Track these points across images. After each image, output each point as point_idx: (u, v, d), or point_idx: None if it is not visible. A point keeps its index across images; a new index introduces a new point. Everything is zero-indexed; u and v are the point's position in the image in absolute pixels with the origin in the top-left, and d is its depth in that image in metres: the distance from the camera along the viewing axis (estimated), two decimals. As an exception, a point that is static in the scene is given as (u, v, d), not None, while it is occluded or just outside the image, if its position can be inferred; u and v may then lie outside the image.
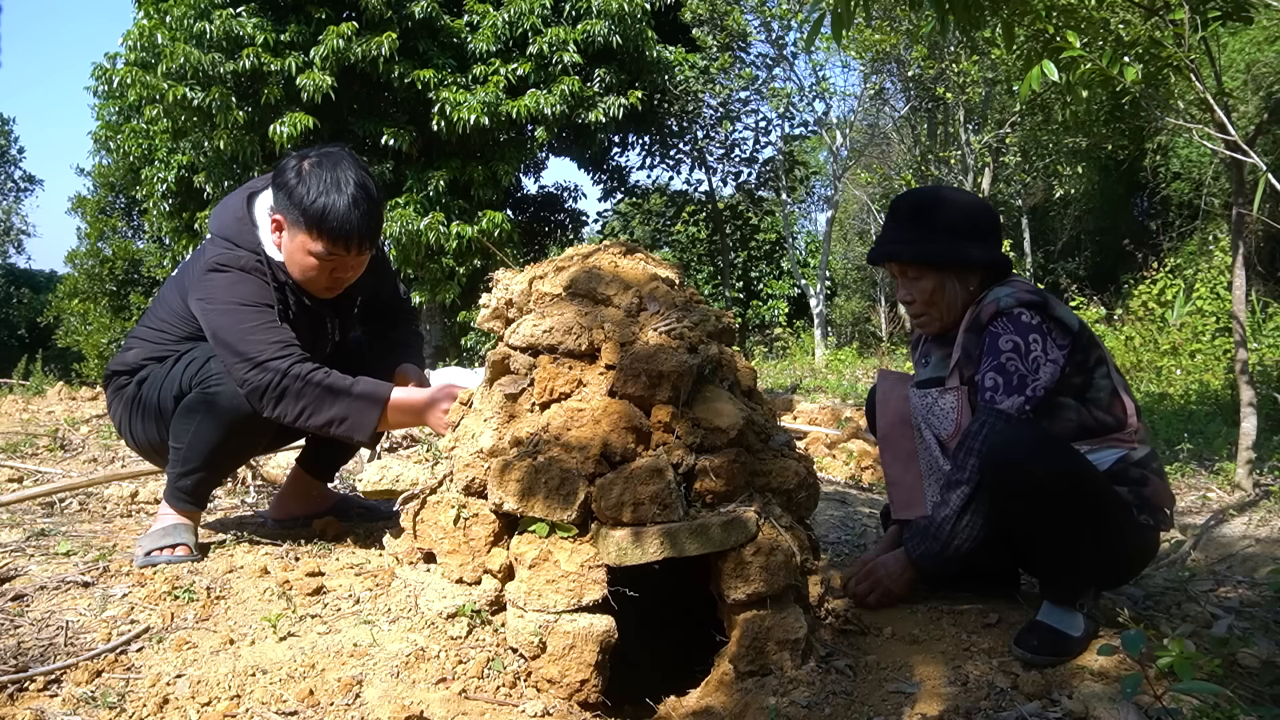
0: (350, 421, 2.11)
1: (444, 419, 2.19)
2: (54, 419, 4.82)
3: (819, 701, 1.61)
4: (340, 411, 2.10)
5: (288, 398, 2.06)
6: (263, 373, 2.04)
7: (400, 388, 2.23)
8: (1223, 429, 4.04)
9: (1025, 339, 1.89)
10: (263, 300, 2.13)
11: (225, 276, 2.13)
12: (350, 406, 2.10)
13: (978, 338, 1.97)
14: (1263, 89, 10.71)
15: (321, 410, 2.08)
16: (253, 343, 2.06)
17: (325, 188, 2.11)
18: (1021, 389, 1.88)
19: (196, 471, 2.22)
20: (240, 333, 2.07)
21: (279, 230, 2.20)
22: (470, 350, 13.26)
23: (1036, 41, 2.93)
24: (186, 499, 2.26)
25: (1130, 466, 1.91)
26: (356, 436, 2.14)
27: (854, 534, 2.91)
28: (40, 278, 30.87)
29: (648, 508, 1.70)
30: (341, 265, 2.21)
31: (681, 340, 1.93)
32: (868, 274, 22.54)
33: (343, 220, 2.11)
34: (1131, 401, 2.00)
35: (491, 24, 11.85)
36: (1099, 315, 8.24)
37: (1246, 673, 1.67)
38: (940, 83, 12.59)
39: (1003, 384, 1.89)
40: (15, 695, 1.53)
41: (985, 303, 1.97)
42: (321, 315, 2.34)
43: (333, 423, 2.11)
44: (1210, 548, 2.80)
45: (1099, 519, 1.78)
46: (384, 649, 1.71)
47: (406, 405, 2.20)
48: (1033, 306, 1.92)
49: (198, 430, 2.16)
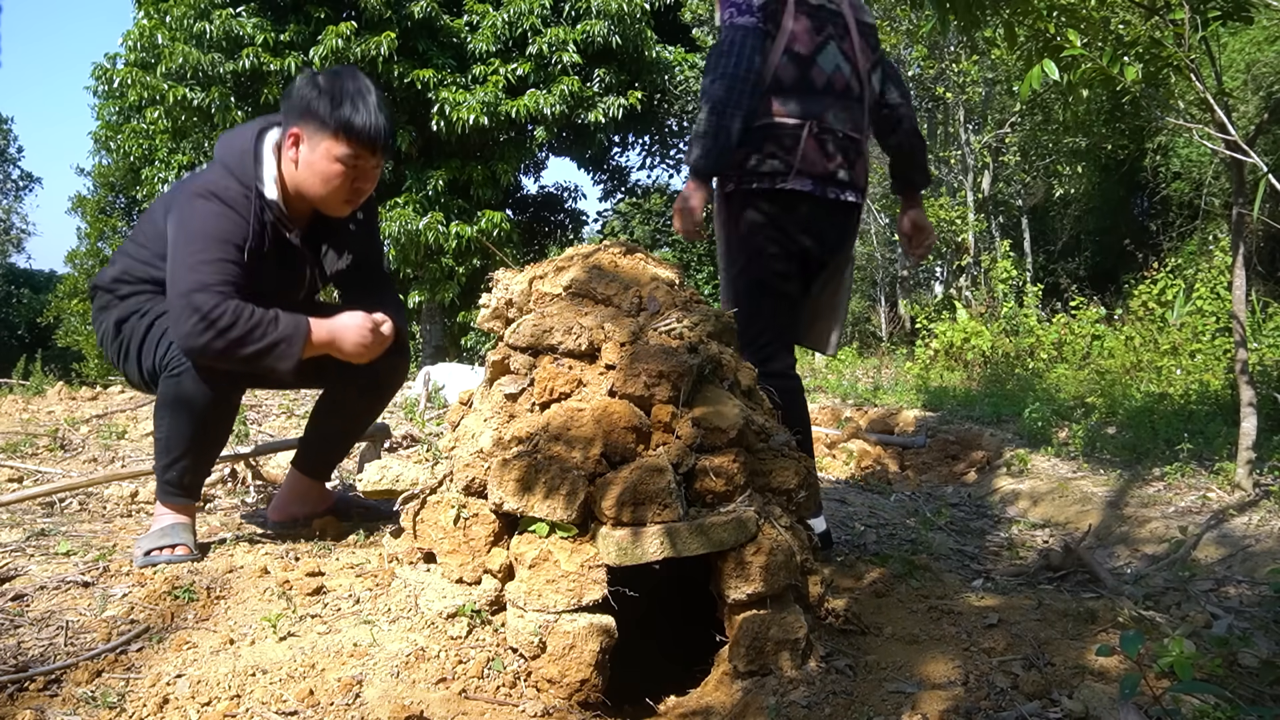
0: (276, 352, 2.12)
1: (360, 343, 2.22)
2: (54, 419, 4.82)
3: (819, 701, 1.61)
4: (263, 344, 2.10)
5: (213, 329, 2.06)
6: (195, 300, 2.05)
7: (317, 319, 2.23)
8: (1223, 429, 4.04)
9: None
10: (232, 239, 2.12)
11: (207, 206, 2.13)
12: (274, 337, 2.11)
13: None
14: (1263, 89, 10.71)
15: (246, 343, 2.08)
16: (200, 271, 2.07)
17: (348, 94, 2.15)
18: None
19: (180, 460, 2.24)
20: (193, 261, 2.08)
21: (296, 145, 2.20)
22: (470, 350, 13.26)
23: (1037, 41, 2.93)
24: (176, 491, 2.27)
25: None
26: (281, 365, 2.13)
27: (854, 534, 2.91)
28: (40, 278, 30.88)
29: (648, 508, 1.70)
30: (362, 174, 2.23)
31: (681, 340, 1.93)
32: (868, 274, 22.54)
33: (367, 120, 2.15)
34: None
35: (491, 24, 11.86)
36: (1099, 315, 8.24)
37: (1246, 673, 1.66)
38: (940, 83, 12.59)
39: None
40: (15, 695, 1.53)
41: None
42: (302, 261, 2.35)
43: (259, 354, 2.11)
44: (1210, 548, 2.80)
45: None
46: (384, 649, 1.71)
47: (326, 332, 2.19)
48: None
49: (171, 421, 2.19)
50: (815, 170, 2.49)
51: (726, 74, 2.37)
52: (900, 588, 2.25)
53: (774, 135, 2.47)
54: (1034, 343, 8.17)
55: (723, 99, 2.36)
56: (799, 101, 2.47)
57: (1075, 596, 2.27)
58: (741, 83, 2.37)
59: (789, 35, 2.46)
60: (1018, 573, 2.69)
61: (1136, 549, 3.02)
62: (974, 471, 4.60)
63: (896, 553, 2.57)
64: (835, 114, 2.52)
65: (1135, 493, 3.53)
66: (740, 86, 2.37)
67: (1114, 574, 2.57)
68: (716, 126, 2.38)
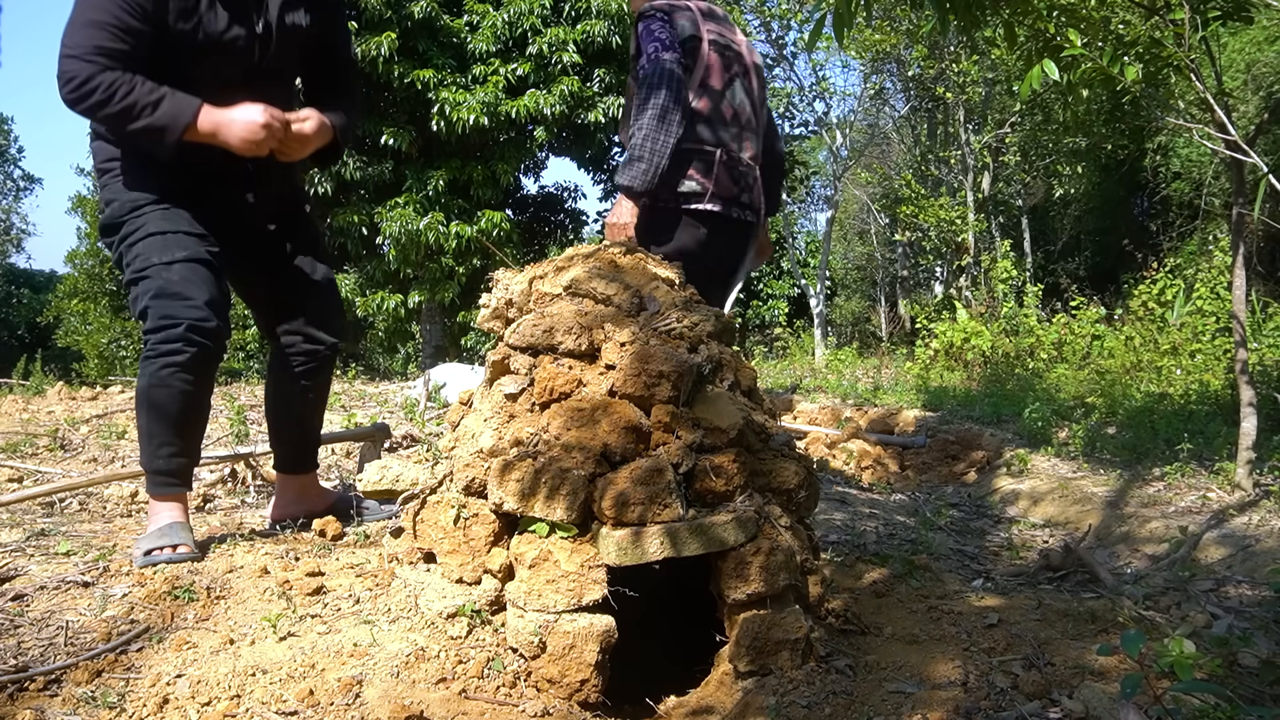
0: (152, 135, 2.08)
1: (248, 138, 2.14)
2: (54, 419, 4.82)
3: (819, 701, 1.61)
4: (139, 125, 2.06)
5: (85, 101, 2.03)
6: (70, 68, 2.02)
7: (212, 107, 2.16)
8: (1223, 429, 4.04)
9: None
10: (134, 9, 2.05)
11: None
12: (150, 121, 2.06)
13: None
14: (1263, 89, 10.71)
15: (121, 120, 2.06)
16: (87, 33, 2.03)
17: None
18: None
19: (166, 445, 2.24)
20: (84, 19, 2.04)
21: None
22: (470, 350, 13.26)
23: (1037, 41, 2.92)
24: (167, 480, 2.27)
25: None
26: (158, 151, 2.10)
27: (854, 534, 2.91)
28: (40, 278, 30.88)
29: (648, 507, 1.70)
30: None
31: (681, 340, 1.93)
32: (868, 274, 22.54)
33: None
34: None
35: (491, 24, 11.85)
36: (1099, 315, 8.24)
37: (1246, 673, 1.66)
38: (940, 83, 12.60)
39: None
40: (15, 695, 1.53)
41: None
42: (244, 10, 2.21)
43: (135, 134, 2.08)
44: (1210, 548, 2.79)
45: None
46: (384, 649, 1.71)
47: (213, 122, 2.12)
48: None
49: (149, 409, 2.21)
50: (725, 193, 2.82)
51: (659, 103, 2.61)
52: (900, 588, 2.25)
53: (693, 160, 2.77)
54: (1034, 343, 8.17)
55: (658, 125, 2.61)
56: (712, 130, 2.77)
57: (1075, 596, 2.27)
58: (673, 112, 2.62)
59: (704, 70, 2.78)
60: (1018, 573, 2.69)
61: (1136, 549, 3.02)
62: (974, 471, 4.60)
63: (896, 553, 2.57)
64: (740, 143, 2.87)
65: (1135, 493, 3.53)
66: (672, 115, 2.62)
67: (1114, 574, 2.57)
68: (652, 150, 2.62)
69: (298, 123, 2.25)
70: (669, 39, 2.69)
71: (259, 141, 2.17)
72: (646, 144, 2.61)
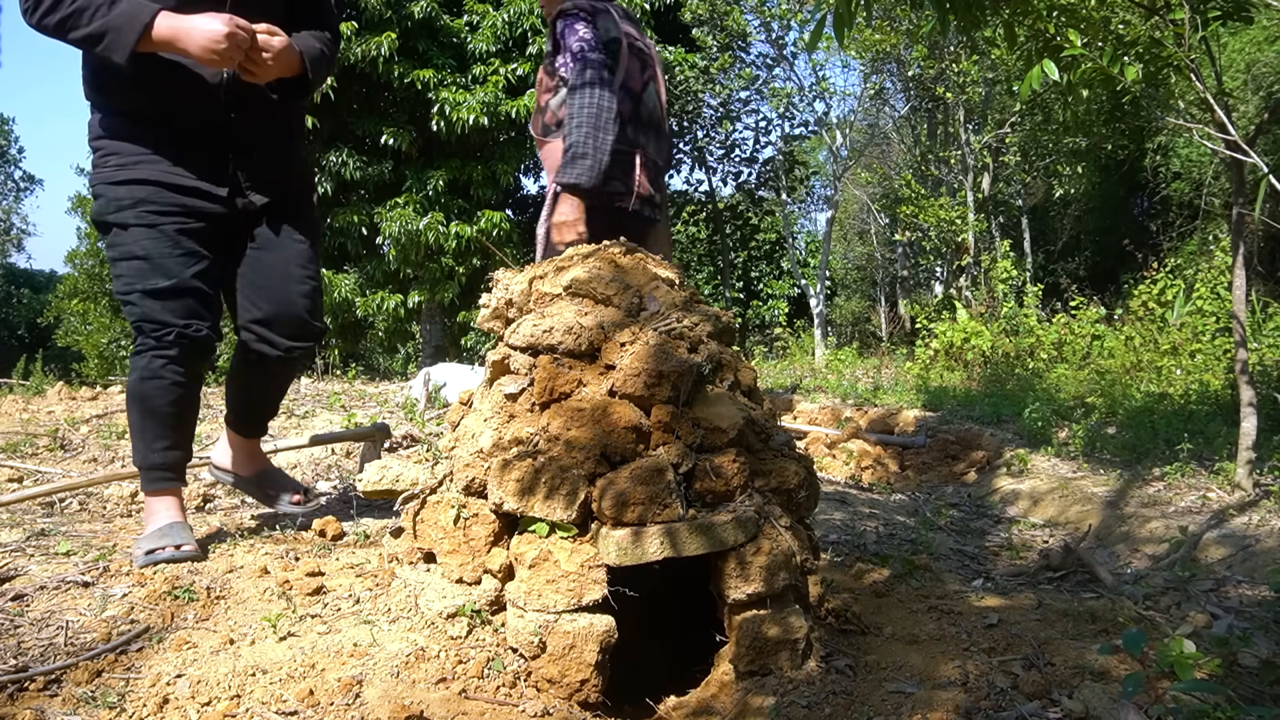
0: (106, 42, 2.04)
1: (209, 47, 2.04)
2: (54, 419, 4.82)
3: (819, 701, 1.61)
4: (90, 30, 2.03)
5: (39, 8, 2.02)
6: None
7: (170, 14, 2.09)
8: (1223, 429, 4.04)
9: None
10: None
11: None
12: (102, 24, 2.03)
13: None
14: (1263, 89, 10.71)
15: (70, 27, 2.03)
16: None
17: None
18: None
19: (158, 439, 2.25)
20: None
21: None
22: (470, 350, 13.26)
23: (1037, 41, 2.92)
24: (162, 475, 2.28)
25: None
26: (114, 56, 2.05)
27: (854, 534, 2.91)
28: (40, 278, 30.88)
29: (648, 507, 1.70)
30: None
31: (681, 340, 1.93)
32: (868, 274, 22.54)
33: None
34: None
35: (491, 24, 11.84)
36: (1099, 315, 8.23)
37: (1246, 673, 1.66)
38: (940, 83, 12.59)
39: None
40: (15, 695, 1.53)
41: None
42: None
43: (87, 40, 2.05)
44: (1210, 548, 2.79)
45: None
46: (384, 649, 1.71)
47: (170, 28, 2.05)
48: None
49: (139, 406, 2.23)
50: (645, 193, 2.90)
51: (598, 102, 2.65)
52: (900, 588, 2.25)
53: (618, 161, 2.80)
54: (1034, 343, 8.16)
55: (597, 125, 2.66)
56: (633, 132, 2.81)
57: (1075, 596, 2.27)
58: (609, 111, 2.67)
59: (624, 72, 2.81)
60: (1018, 573, 2.69)
61: (1136, 549, 3.02)
62: (974, 471, 4.60)
63: (896, 553, 2.57)
64: (654, 145, 2.94)
65: (1135, 493, 3.53)
66: (608, 114, 2.67)
67: (1114, 574, 2.57)
68: (594, 149, 2.67)
69: (265, 35, 2.13)
70: (594, 39, 2.73)
71: (221, 52, 2.04)
72: (589, 142, 2.64)
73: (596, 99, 2.64)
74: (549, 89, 2.87)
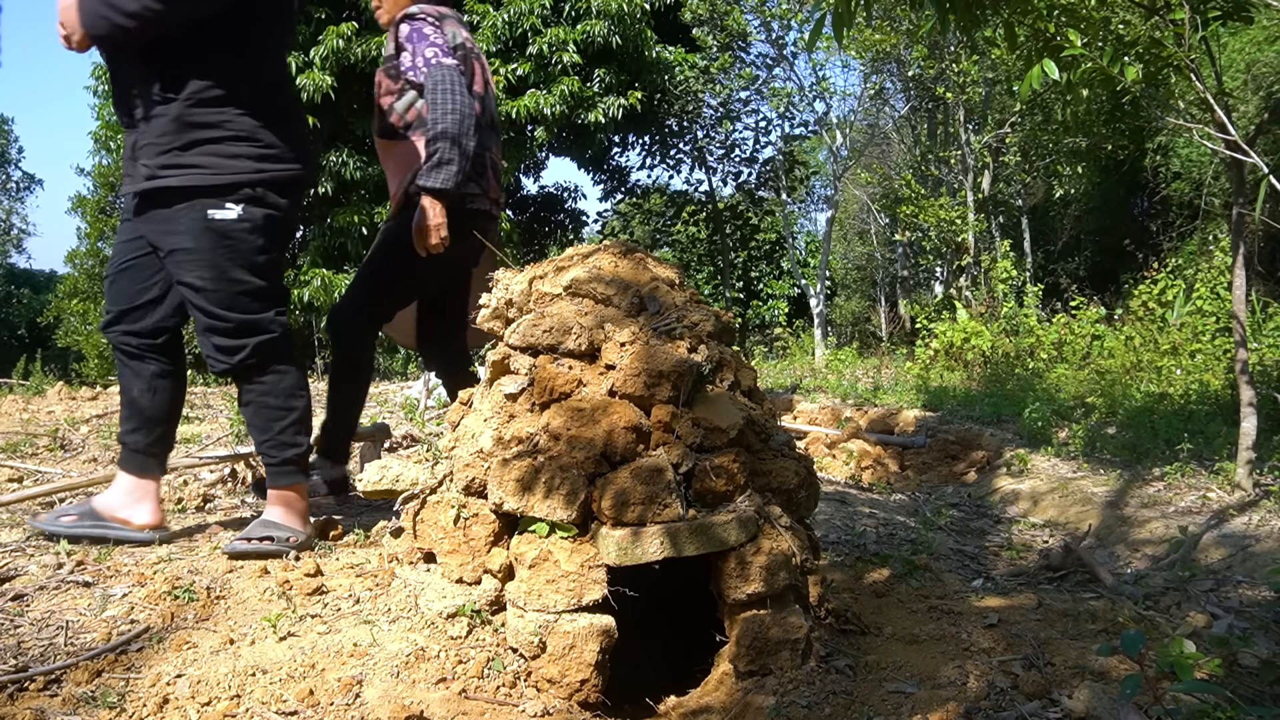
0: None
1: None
2: (54, 419, 4.82)
3: (819, 701, 1.61)
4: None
5: None
6: None
7: None
8: (1223, 429, 4.04)
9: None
10: None
11: None
12: None
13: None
14: (1263, 89, 10.70)
15: None
16: None
17: None
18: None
19: (139, 429, 2.34)
20: None
21: None
22: (470, 350, 13.25)
23: (1037, 41, 2.92)
24: (141, 459, 2.36)
25: None
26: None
27: (854, 534, 2.91)
28: (40, 278, 30.86)
29: (648, 507, 1.70)
30: None
31: (681, 340, 1.93)
32: (868, 274, 22.54)
33: None
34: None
35: (491, 24, 11.84)
36: (1099, 315, 8.23)
37: (1246, 673, 1.66)
38: (940, 83, 12.59)
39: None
40: (15, 695, 1.53)
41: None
42: None
43: None
44: (1210, 548, 2.79)
45: None
46: (384, 649, 1.71)
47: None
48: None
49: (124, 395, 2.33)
50: (494, 195, 2.97)
51: (457, 108, 2.66)
52: (900, 588, 2.25)
53: (474, 164, 2.82)
54: (1034, 343, 8.16)
55: (459, 130, 2.66)
56: (481, 134, 2.83)
57: (1075, 596, 2.27)
58: (470, 118, 2.69)
59: (472, 76, 2.84)
60: (1018, 573, 2.69)
61: (1136, 549, 3.02)
62: (974, 471, 4.60)
63: (896, 553, 2.57)
64: (496, 146, 3.02)
65: (1135, 493, 3.53)
66: (470, 120, 2.69)
67: (1114, 574, 2.57)
68: (459, 153, 2.68)
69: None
70: (445, 45, 2.75)
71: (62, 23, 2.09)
72: (455, 148, 2.66)
73: (459, 105, 2.66)
74: (391, 92, 2.89)
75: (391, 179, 2.96)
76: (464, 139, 2.67)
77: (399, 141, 2.90)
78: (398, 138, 2.90)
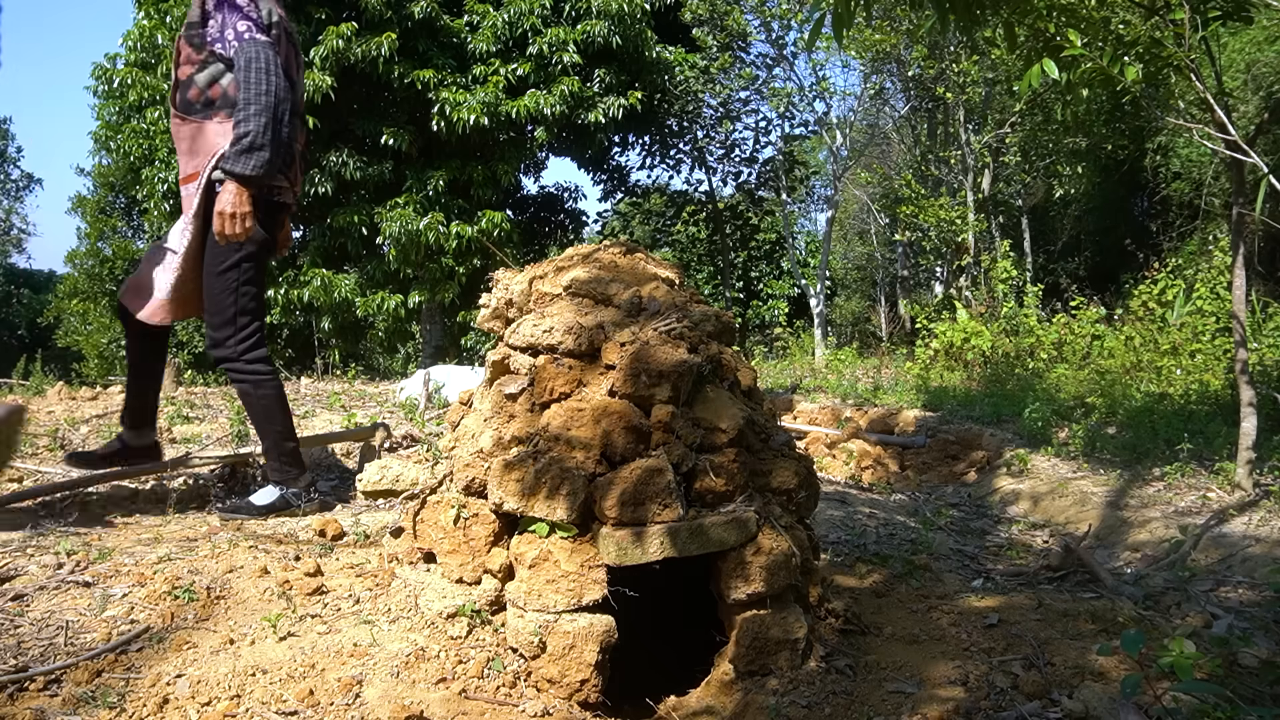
0: None
1: None
2: (54, 419, 4.82)
3: (819, 701, 1.61)
4: None
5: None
6: None
7: None
8: (1223, 429, 4.03)
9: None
10: None
11: None
12: None
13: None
14: (1263, 89, 10.70)
15: None
16: None
17: None
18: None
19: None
20: None
21: None
22: (470, 350, 13.25)
23: (1037, 41, 2.92)
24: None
25: None
26: None
27: (854, 534, 2.91)
28: (40, 278, 30.86)
29: (648, 507, 1.70)
30: None
31: (681, 340, 1.93)
32: (868, 274, 22.54)
33: None
34: None
35: (491, 24, 11.84)
36: (1099, 315, 8.23)
37: (1246, 673, 1.66)
38: (940, 83, 12.59)
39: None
40: (15, 695, 1.53)
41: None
42: None
43: None
44: (1210, 548, 2.79)
45: None
46: (384, 649, 1.71)
47: None
48: None
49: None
50: (295, 184, 2.82)
51: (272, 89, 2.51)
52: (900, 588, 2.25)
53: (280, 152, 2.65)
54: (1034, 343, 8.16)
55: (275, 116, 2.52)
56: (292, 122, 2.66)
57: (1075, 596, 2.27)
58: (285, 103, 2.55)
59: (284, 58, 2.64)
60: (1018, 573, 2.69)
61: (1136, 549, 3.02)
62: (974, 471, 4.59)
63: (896, 553, 2.57)
64: (303, 135, 2.86)
65: (1135, 493, 3.53)
66: (283, 100, 2.54)
67: (1114, 574, 2.57)
68: (272, 138, 2.52)
69: None
70: (259, 20, 2.56)
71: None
72: (267, 133, 2.49)
73: (274, 88, 2.49)
74: (193, 62, 2.63)
75: (183, 159, 2.69)
76: (278, 127, 2.51)
77: (196, 119, 2.63)
78: (195, 114, 2.63)
